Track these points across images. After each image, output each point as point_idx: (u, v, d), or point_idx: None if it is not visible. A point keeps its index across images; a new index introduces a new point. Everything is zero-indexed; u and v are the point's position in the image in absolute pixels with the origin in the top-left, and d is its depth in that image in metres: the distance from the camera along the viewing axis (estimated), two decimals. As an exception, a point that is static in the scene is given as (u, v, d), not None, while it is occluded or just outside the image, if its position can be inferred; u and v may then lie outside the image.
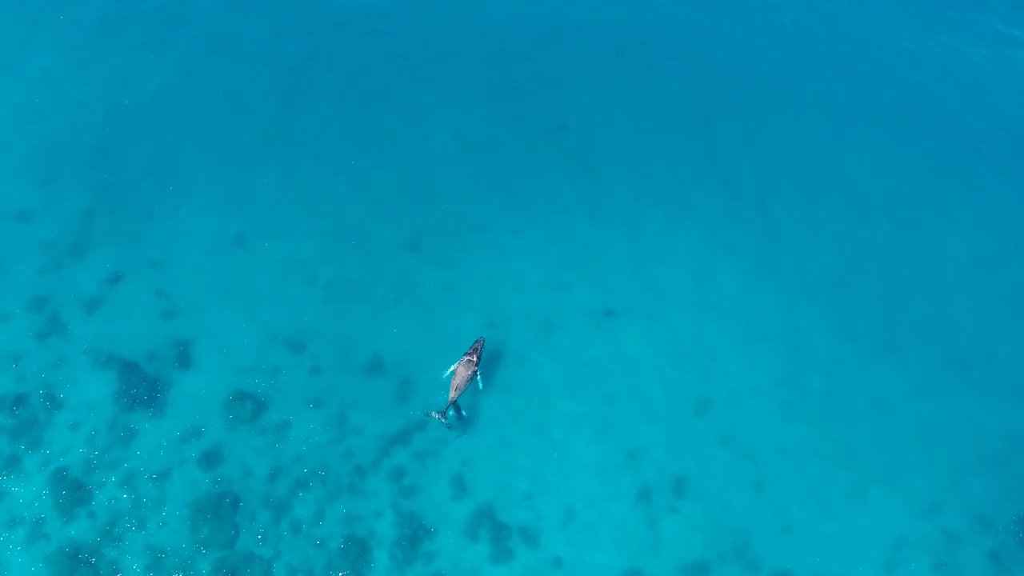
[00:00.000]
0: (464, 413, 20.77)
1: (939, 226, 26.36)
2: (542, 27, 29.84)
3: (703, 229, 25.18)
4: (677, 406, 21.85)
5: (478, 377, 20.66)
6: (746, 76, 29.44)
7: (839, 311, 24.02)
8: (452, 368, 20.63)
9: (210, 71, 27.39)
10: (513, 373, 21.86)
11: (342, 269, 23.31)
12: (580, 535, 19.62)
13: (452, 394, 20.09)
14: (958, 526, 20.70)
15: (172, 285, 22.58)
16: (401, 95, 27.60)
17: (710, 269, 24.37)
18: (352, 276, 23.21)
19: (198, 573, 18.24)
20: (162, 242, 23.36)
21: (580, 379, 21.97)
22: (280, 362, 21.48)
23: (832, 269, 24.82)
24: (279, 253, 23.46)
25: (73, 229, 23.27)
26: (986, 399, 22.74)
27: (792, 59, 30.27)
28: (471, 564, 18.99)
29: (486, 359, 21.64)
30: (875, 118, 28.83)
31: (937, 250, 25.74)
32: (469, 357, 20.54)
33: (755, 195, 26.22)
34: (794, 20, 31.11)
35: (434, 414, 19.98)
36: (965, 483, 21.37)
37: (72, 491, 19.01)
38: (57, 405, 20.25)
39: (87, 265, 22.65)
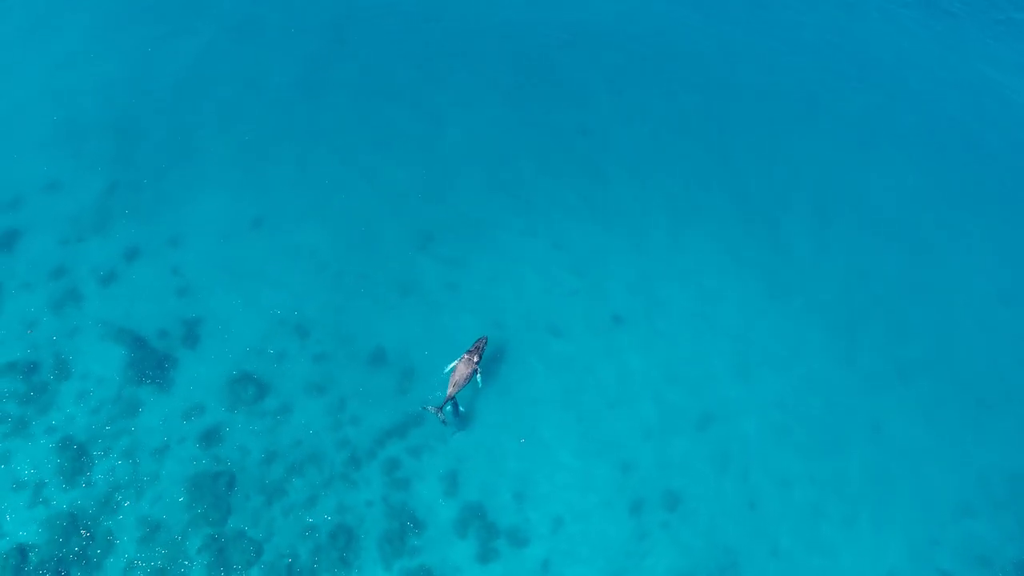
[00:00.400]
0: (462, 409, 20.89)
1: (959, 256, 25.81)
2: (566, 33, 29.69)
3: (714, 245, 24.97)
4: (675, 421, 21.74)
5: (478, 376, 20.76)
6: (767, 92, 29.03)
7: (847, 337, 23.67)
8: (452, 365, 20.76)
9: (236, 58, 27.71)
10: (514, 375, 21.91)
11: (353, 260, 23.55)
12: (568, 542, 19.63)
13: (450, 390, 20.21)
14: (954, 566, 20.32)
15: (187, 264, 22.99)
16: (420, 92, 27.70)
17: (719, 286, 24.15)
18: (362, 268, 23.44)
19: (189, 549, 18.60)
20: (181, 222, 23.79)
21: (580, 386, 21.96)
22: (285, 347, 21.78)
23: (844, 293, 24.45)
24: (293, 240, 23.77)
25: (97, 203, 23.81)
26: (994, 437, 22.27)
27: (815, 77, 29.82)
28: (457, 561, 19.11)
29: (488, 359, 21.74)
30: (897, 141, 28.29)
31: (955, 281, 25.20)
32: (470, 355, 20.64)
33: (769, 213, 25.92)
34: (820, 38, 30.63)
35: (431, 408, 20.12)
36: (964, 522, 20.96)
37: (74, 459, 19.50)
38: (67, 374, 20.75)
39: (107, 239, 23.16)
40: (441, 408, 20.09)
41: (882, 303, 24.37)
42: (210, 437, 20.19)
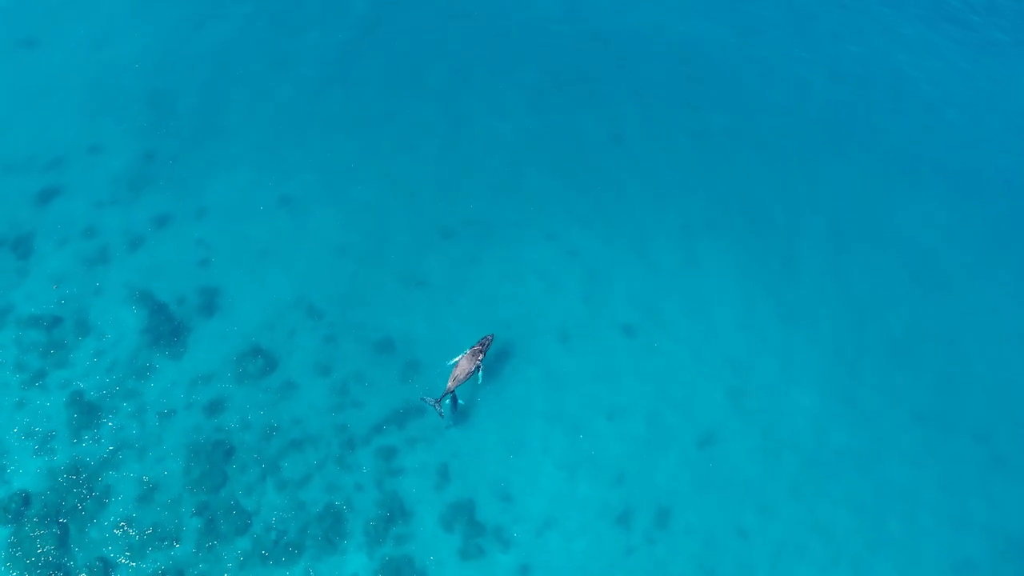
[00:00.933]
0: (461, 402, 20.93)
1: (981, 301, 24.51)
2: (600, 42, 29.34)
3: (729, 267, 24.34)
4: (678, 436, 21.40)
5: (479, 372, 20.77)
6: (798, 115, 28.14)
7: (854, 371, 22.82)
8: (456, 359, 20.80)
9: (272, 41, 28.26)
10: (517, 376, 21.86)
11: (372, 248, 23.79)
12: (553, 547, 19.51)
13: (450, 384, 20.27)
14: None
15: (212, 236, 23.56)
16: (450, 88, 27.74)
17: (744, 308, 23.57)
18: (380, 256, 23.66)
19: (183, 512, 19.08)
20: (210, 195, 24.39)
21: (583, 393, 21.78)
22: (298, 325, 22.14)
23: (855, 325, 23.50)
24: (315, 222, 24.15)
25: (133, 170, 24.58)
26: (1006, 497, 21.26)
27: (849, 104, 28.75)
28: (440, 554, 19.16)
29: (493, 357, 21.73)
30: (928, 176, 27.05)
31: (975, 327, 23.95)
32: (475, 351, 20.67)
33: (787, 238, 25.14)
34: (858, 65, 29.61)
35: (429, 400, 20.20)
36: (968, 573, 20.14)
37: (84, 414, 20.16)
38: (86, 331, 21.47)
39: (139, 205, 23.89)
40: (439, 401, 20.16)
41: (894, 340, 23.41)
42: (215, 406, 20.64)
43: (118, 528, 18.70)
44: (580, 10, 30.30)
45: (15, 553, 18.11)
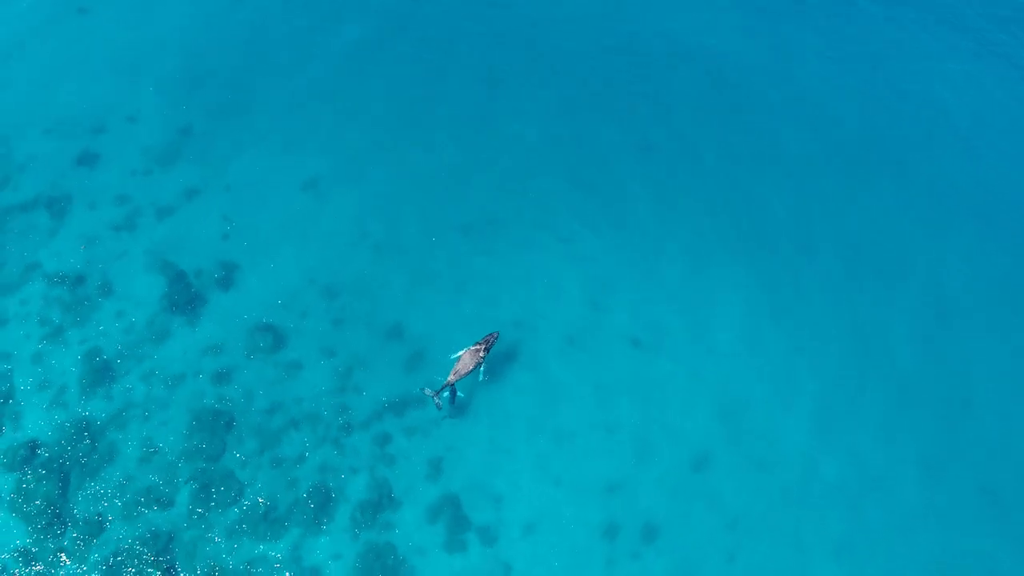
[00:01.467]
0: (461, 394, 21.06)
1: (1012, 349, 23.85)
2: (641, 57, 29.11)
3: (752, 291, 23.98)
4: (675, 454, 21.22)
5: (481, 368, 20.90)
6: (832, 144, 27.54)
7: (881, 407, 22.34)
8: (459, 353, 20.97)
9: (318, 26, 28.67)
10: (520, 376, 21.94)
11: (394, 235, 24.08)
12: (535, 551, 19.55)
13: (451, 377, 20.44)
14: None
15: (237, 212, 24.11)
16: (488, 81, 27.93)
17: (750, 331, 23.25)
18: (401, 243, 23.94)
19: (179, 476, 19.62)
20: (241, 171, 24.96)
21: (584, 400, 21.75)
22: (310, 306, 22.53)
23: (876, 365, 23.10)
24: (341, 205, 24.53)
25: (169, 142, 25.27)
26: (1011, 543, 20.66)
27: (885, 135, 27.93)
28: (422, 545, 19.36)
29: (497, 356, 21.84)
30: (964, 218, 26.15)
31: (1004, 377, 23.24)
32: (478, 347, 20.81)
33: (811, 268, 24.66)
34: (899, 97, 28.74)
35: (428, 392, 20.39)
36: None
37: (98, 372, 20.84)
38: (109, 292, 22.18)
39: (170, 176, 24.57)
40: (438, 393, 20.34)
41: (901, 380, 22.74)
42: (221, 377, 21.15)
43: (117, 486, 19.28)
44: (618, 21, 30.09)
45: (17, 499, 18.81)
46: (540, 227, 24.69)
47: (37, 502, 18.79)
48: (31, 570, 18.01)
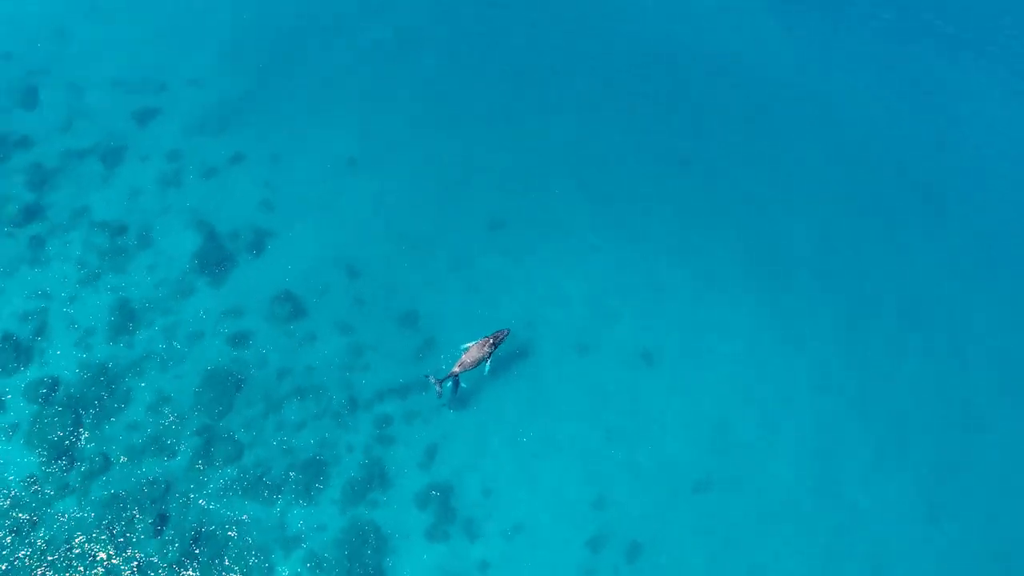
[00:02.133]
0: (464, 385, 21.12)
1: None
2: (702, 60, 28.56)
3: (776, 318, 23.36)
4: (674, 474, 20.87)
5: (487, 363, 20.93)
6: (886, 180, 26.47)
7: (892, 449, 21.54)
8: (467, 345, 21.03)
9: (379, 10, 29.06)
10: (525, 377, 21.89)
11: (422, 223, 24.30)
12: (517, 552, 19.53)
13: (456, 368, 20.54)
14: None
15: (278, 182, 24.73)
16: (539, 82, 27.83)
17: (765, 359, 22.70)
18: (428, 232, 24.14)
19: (185, 427, 20.31)
20: (288, 143, 25.55)
21: (587, 409, 21.57)
22: (332, 282, 22.96)
23: (892, 410, 22.17)
24: (377, 188, 24.88)
25: (224, 107, 26.05)
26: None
27: (946, 178, 26.75)
28: (406, 528, 19.57)
29: (506, 354, 21.83)
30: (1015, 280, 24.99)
31: None
32: (487, 341, 20.84)
33: (843, 303, 23.87)
34: (966, 139, 27.41)
35: (432, 379, 20.53)
36: None
37: (124, 320, 21.73)
38: (146, 245, 23.07)
39: (220, 140, 25.34)
40: (441, 381, 20.46)
41: (941, 425, 21.84)
42: (239, 339, 21.76)
43: (125, 430, 20.08)
44: (660, 32, 29.53)
45: (33, 430, 19.79)
46: (568, 232, 24.55)
47: (51, 436, 19.73)
48: (35, 498, 18.92)
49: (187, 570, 18.46)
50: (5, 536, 18.45)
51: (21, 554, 18.25)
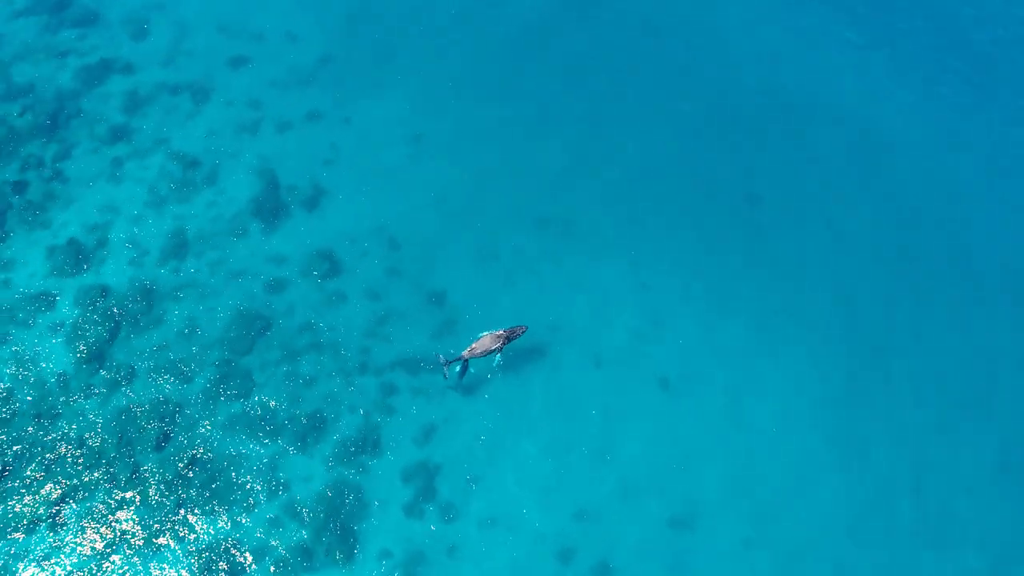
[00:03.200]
0: (472, 370, 21.33)
1: None
2: (800, 102, 27.58)
3: (821, 378, 22.43)
4: (658, 504, 20.42)
5: (498, 355, 21.08)
6: (998, 266, 24.96)
7: (900, 495, 20.66)
8: (482, 333, 21.23)
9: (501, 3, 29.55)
10: (537, 378, 21.88)
11: (470, 208, 24.61)
12: (486, 545, 19.60)
13: (465, 353, 20.81)
14: None
15: (345, 144, 25.63)
16: (613, 92, 27.55)
17: (796, 416, 21.77)
18: (473, 218, 24.43)
19: (206, 357, 21.43)
20: (362, 109, 26.40)
21: (590, 421, 21.37)
22: (372, 249, 23.62)
23: (925, 508, 20.87)
24: (435, 168, 25.37)
25: (311, 65, 27.18)
26: None
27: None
28: (386, 497, 19.99)
29: (522, 351, 21.89)
30: None
31: None
32: (501, 334, 20.98)
33: (900, 379, 22.52)
34: None
35: (442, 358, 20.86)
36: None
37: (177, 247, 23.11)
38: (212, 182, 24.42)
39: (300, 96, 26.47)
40: (449, 363, 20.76)
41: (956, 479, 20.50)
42: (274, 286, 22.74)
43: (153, 349, 21.39)
44: (766, 61, 28.66)
45: (75, 331, 21.36)
46: (610, 243, 24.28)
47: (88, 340, 21.24)
48: (63, 392, 20.45)
49: (178, 488, 19.53)
50: (30, 421, 20.03)
51: (40, 438, 19.77)
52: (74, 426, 20.05)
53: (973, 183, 26.35)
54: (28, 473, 19.30)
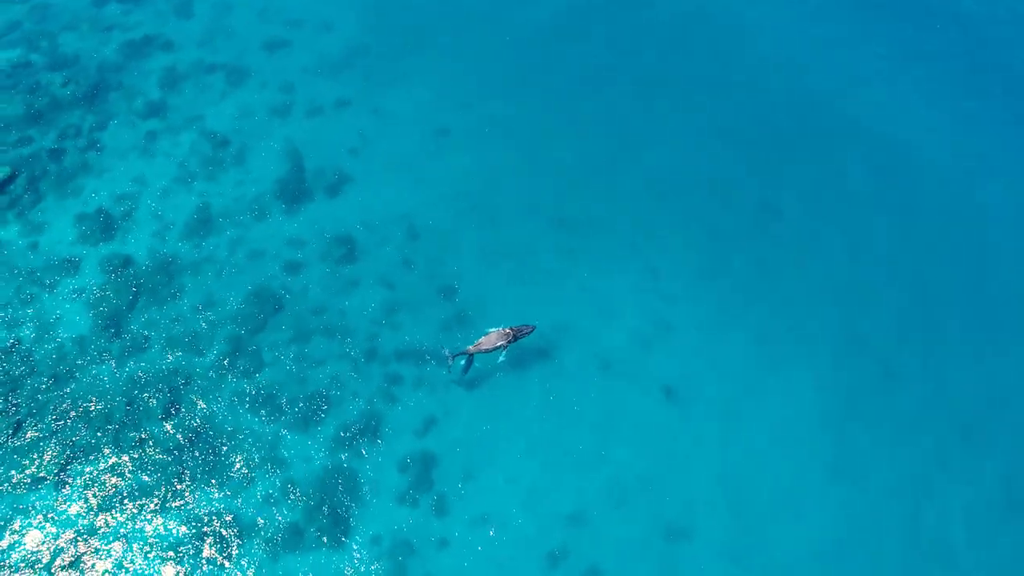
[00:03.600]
0: (477, 364, 21.38)
1: None
2: (834, 124, 27.04)
3: (828, 401, 21.98)
4: (652, 516, 20.22)
5: (503, 352, 21.11)
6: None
7: (894, 524, 20.17)
8: (489, 330, 21.27)
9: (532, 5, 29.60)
10: (541, 376, 21.84)
11: (491, 205, 24.70)
12: (475, 541, 19.60)
13: (470, 348, 20.89)
14: None
15: (373, 133, 25.96)
16: (645, 98, 27.37)
17: (799, 438, 21.37)
18: (494, 215, 24.52)
19: (219, 332, 21.84)
20: (392, 100, 26.70)
21: (591, 425, 21.24)
22: (390, 238, 23.85)
23: (923, 541, 20.36)
24: (458, 163, 25.52)
25: (345, 54, 27.61)
26: None
27: None
28: (380, 485, 20.14)
29: (529, 350, 21.89)
30: None
31: None
32: (507, 332, 21.00)
33: (911, 408, 21.94)
34: None
35: (447, 351, 20.96)
36: None
37: (200, 223, 23.62)
38: (240, 162, 24.89)
39: (332, 83, 26.89)
40: (454, 357, 20.85)
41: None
42: (291, 268, 23.10)
43: (169, 321, 21.88)
44: (794, 72, 28.18)
45: (95, 298, 21.97)
46: (630, 249, 24.13)
47: (108, 307, 21.82)
48: (79, 355, 21.03)
49: (180, 458, 19.95)
50: (46, 380, 20.64)
51: (53, 397, 20.37)
52: (86, 388, 20.60)
53: (1000, 212, 25.57)
54: (38, 431, 19.89)
